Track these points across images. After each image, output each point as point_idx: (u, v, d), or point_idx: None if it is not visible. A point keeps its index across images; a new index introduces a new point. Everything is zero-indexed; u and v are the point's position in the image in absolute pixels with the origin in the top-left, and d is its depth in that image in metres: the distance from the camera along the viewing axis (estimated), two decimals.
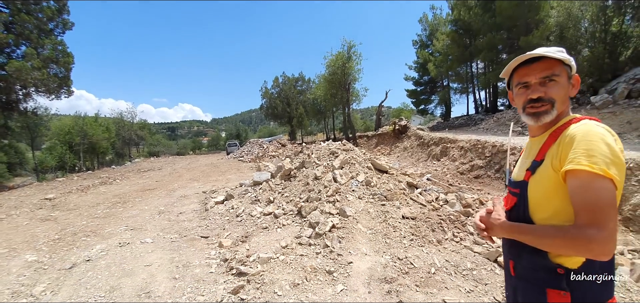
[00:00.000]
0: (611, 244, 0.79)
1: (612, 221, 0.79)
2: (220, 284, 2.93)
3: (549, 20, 12.58)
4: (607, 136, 0.84)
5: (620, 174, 0.82)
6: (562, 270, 0.90)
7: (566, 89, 0.98)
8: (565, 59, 0.97)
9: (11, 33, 14.24)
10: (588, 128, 0.87)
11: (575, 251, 0.86)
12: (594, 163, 0.81)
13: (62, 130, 21.11)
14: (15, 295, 3.09)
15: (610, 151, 0.82)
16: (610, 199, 0.80)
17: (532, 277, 0.99)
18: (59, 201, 8.10)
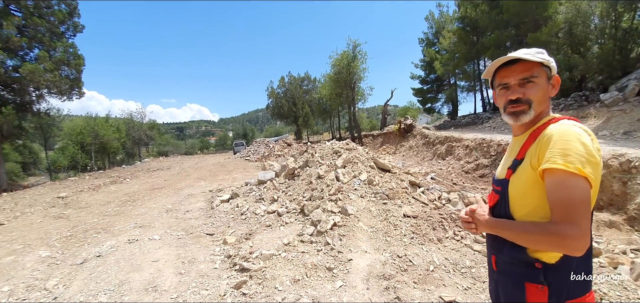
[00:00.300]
0: (584, 240, 0.82)
1: (585, 218, 0.82)
2: (223, 279, 3.03)
3: (557, 16, 12.35)
4: (583, 136, 0.87)
5: (595, 173, 0.84)
6: (539, 264, 0.93)
7: (545, 89, 1.01)
8: (545, 60, 1.00)
9: (24, 36, 14.68)
10: (565, 128, 0.89)
11: (551, 247, 0.88)
12: (569, 162, 0.83)
13: (74, 130, 21.68)
14: (30, 289, 3.24)
15: (585, 151, 0.84)
16: (584, 197, 0.83)
17: (511, 271, 1.02)
18: (71, 200, 8.36)
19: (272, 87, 39.64)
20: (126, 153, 31.25)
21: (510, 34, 16.62)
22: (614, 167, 4.68)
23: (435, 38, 28.01)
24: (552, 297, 0.91)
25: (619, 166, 4.60)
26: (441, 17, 27.54)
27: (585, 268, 0.93)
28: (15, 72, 14.70)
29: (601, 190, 4.82)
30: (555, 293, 0.91)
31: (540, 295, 0.93)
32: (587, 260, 0.93)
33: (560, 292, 0.91)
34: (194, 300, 2.72)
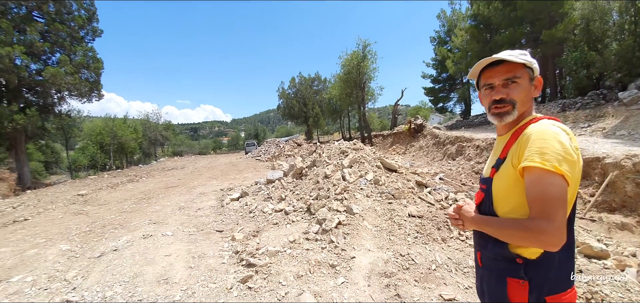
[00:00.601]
0: (559, 235, 0.84)
1: (560, 214, 0.85)
2: (230, 274, 3.16)
3: (574, 13, 12.00)
4: (560, 135, 0.89)
5: (571, 171, 0.87)
6: (521, 260, 0.97)
7: (527, 90, 1.04)
8: (527, 62, 1.03)
9: (47, 41, 15.42)
10: (543, 128, 0.93)
11: (528, 242, 0.92)
12: (546, 160, 0.86)
13: (93, 131, 22.52)
14: (51, 279, 3.46)
15: (562, 149, 0.87)
16: (560, 193, 0.85)
17: (494, 267, 1.06)
18: (90, 197, 8.75)
19: (283, 88, 39.97)
20: (143, 152, 32.22)
21: (524, 31, 16.21)
22: (627, 168, 4.55)
23: (447, 36, 27.59)
24: (533, 292, 0.94)
25: (632, 166, 4.47)
26: (453, 14, 27.10)
27: (567, 265, 0.96)
28: (38, 75, 15.45)
29: (613, 191, 4.70)
30: (536, 288, 0.94)
31: (521, 290, 0.96)
32: (569, 257, 0.96)
33: (541, 287, 0.94)
34: (202, 292, 2.86)
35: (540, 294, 0.94)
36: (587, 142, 7.34)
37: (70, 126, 21.18)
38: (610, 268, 2.65)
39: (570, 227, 0.96)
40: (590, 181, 5.37)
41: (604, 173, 5.03)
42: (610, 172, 4.84)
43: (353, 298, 2.61)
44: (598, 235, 3.92)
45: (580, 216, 4.76)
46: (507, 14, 16.32)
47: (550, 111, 13.16)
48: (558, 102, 13.83)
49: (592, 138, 8.66)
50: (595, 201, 4.83)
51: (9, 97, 15.18)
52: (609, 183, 4.78)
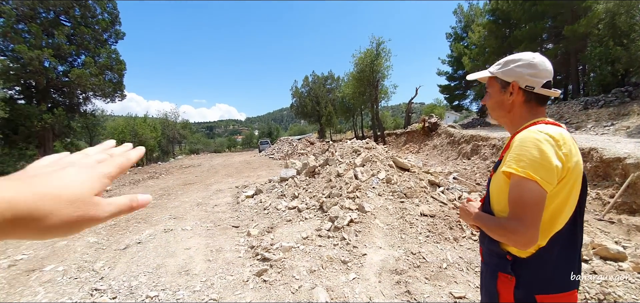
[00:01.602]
0: (528, 236, 0.88)
1: (531, 217, 0.88)
2: (247, 267, 3.32)
3: (597, 7, 11.50)
4: (541, 143, 0.91)
5: (548, 177, 0.89)
6: (510, 256, 1.01)
7: (497, 98, 1.13)
8: (491, 74, 1.14)
9: (73, 44, 16.23)
10: (526, 135, 0.96)
11: (502, 239, 0.99)
12: (520, 166, 0.91)
13: (116, 130, 23.48)
14: (80, 269, 3.71)
15: (540, 156, 0.90)
16: (533, 198, 0.89)
17: (490, 261, 1.12)
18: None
19: (296, 87, 40.26)
20: (161, 150, 33.29)
21: (545, 26, 15.69)
22: None
23: (463, 32, 27.05)
24: (519, 287, 0.99)
25: None
26: (470, 10, 26.54)
27: (566, 267, 0.98)
28: (65, 76, 16.30)
29: (634, 193, 4.55)
30: (524, 285, 0.99)
31: (508, 284, 1.01)
32: (569, 260, 0.99)
33: (530, 285, 0.98)
34: (220, 284, 3.02)
35: (528, 292, 0.98)
36: (609, 141, 7.08)
37: (94, 125, 22.17)
38: (626, 270, 2.61)
39: (574, 229, 0.99)
40: (611, 182, 5.21)
41: (625, 174, 4.86)
42: (632, 173, 4.69)
43: (364, 293, 2.70)
44: (616, 237, 3.82)
45: (599, 217, 4.64)
46: (527, 9, 15.86)
47: (572, 109, 12.71)
48: (580, 100, 13.33)
49: (614, 137, 8.34)
50: (615, 203, 4.68)
51: (38, 98, 16.09)
52: (630, 184, 4.62)
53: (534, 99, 1.07)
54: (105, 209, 0.37)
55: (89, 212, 0.35)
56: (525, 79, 1.05)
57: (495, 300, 1.06)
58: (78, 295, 3.08)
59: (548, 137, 0.93)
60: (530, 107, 1.07)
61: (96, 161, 0.41)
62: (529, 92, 1.06)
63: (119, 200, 0.40)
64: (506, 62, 1.10)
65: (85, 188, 0.36)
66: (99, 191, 0.38)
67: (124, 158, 0.44)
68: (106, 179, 0.39)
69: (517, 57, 1.09)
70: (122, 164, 0.43)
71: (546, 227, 0.95)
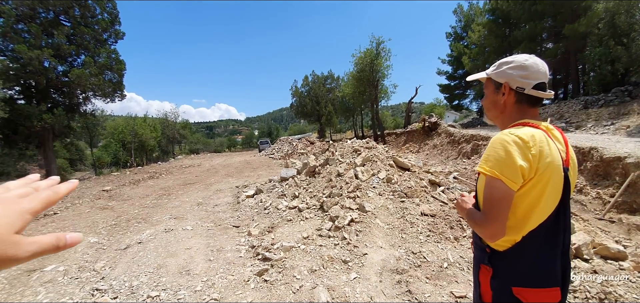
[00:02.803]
0: (492, 230, 0.96)
1: (496, 213, 0.95)
2: (247, 267, 3.32)
3: (597, 6, 11.50)
4: (508, 144, 0.96)
5: (513, 175, 0.93)
6: (488, 249, 1.08)
7: (491, 99, 1.18)
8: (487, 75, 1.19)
9: (72, 44, 16.20)
10: (497, 137, 1.02)
11: (477, 231, 1.06)
12: (488, 166, 0.98)
13: (116, 130, 23.47)
14: (81, 269, 3.71)
15: (506, 157, 0.95)
16: (498, 195, 0.95)
17: (475, 254, 1.20)
18: (114, 193, 9.20)
19: (296, 87, 40.24)
20: (161, 150, 33.29)
21: (545, 25, 15.69)
22: None
23: (463, 32, 27.06)
24: (496, 278, 1.05)
25: None
26: (470, 9, 26.54)
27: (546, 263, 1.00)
28: (64, 76, 16.27)
29: (635, 192, 4.55)
30: (500, 276, 1.05)
31: (486, 275, 1.08)
32: (550, 256, 1.00)
33: (506, 276, 1.03)
34: (221, 284, 3.03)
35: (504, 282, 1.03)
36: (609, 141, 7.08)
37: (94, 125, 22.16)
38: (626, 269, 2.62)
39: (556, 227, 1.00)
40: (611, 181, 5.21)
41: (626, 173, 4.87)
42: (632, 172, 4.69)
43: (365, 293, 2.70)
44: (617, 236, 3.83)
45: (600, 217, 4.64)
46: (527, 8, 15.87)
47: (572, 108, 12.71)
48: (580, 99, 13.33)
49: (614, 136, 8.34)
50: (615, 202, 4.69)
51: (37, 98, 16.06)
52: (630, 183, 4.63)
53: (525, 101, 1.10)
54: (26, 249, 0.35)
55: (6, 252, 0.33)
56: (516, 81, 1.09)
57: (478, 289, 1.14)
58: (79, 295, 3.08)
59: (516, 139, 0.97)
60: (521, 108, 1.11)
61: (18, 195, 0.38)
62: (520, 94, 1.09)
63: (44, 239, 0.38)
64: (500, 64, 1.15)
65: (3, 226, 0.34)
66: (19, 228, 0.35)
67: (51, 192, 0.42)
68: (28, 215, 0.37)
69: (510, 59, 1.12)
70: (49, 198, 0.41)
71: (519, 224, 1.00)
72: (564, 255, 1.03)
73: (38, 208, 0.39)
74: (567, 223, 1.04)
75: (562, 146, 1.05)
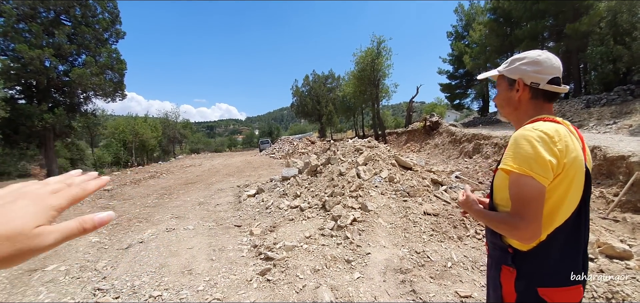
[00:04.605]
0: (530, 231, 0.92)
1: (532, 212, 0.91)
2: (250, 266, 3.30)
3: (599, 5, 11.45)
4: (534, 139, 0.94)
5: (544, 172, 0.91)
6: (511, 249, 1.04)
7: (505, 95, 1.17)
8: (499, 72, 1.17)
9: (73, 43, 16.20)
10: (521, 133, 0.99)
11: (508, 234, 1.01)
12: (516, 163, 0.95)
13: (117, 129, 23.46)
14: (83, 269, 3.69)
15: (533, 152, 0.92)
16: (532, 193, 0.91)
17: (494, 254, 1.15)
18: (115, 192, 9.19)
19: (297, 86, 40.22)
20: (162, 150, 33.28)
21: (546, 24, 15.64)
22: None
23: (464, 31, 26.99)
24: (520, 279, 1.01)
25: None
26: (471, 9, 26.47)
27: (569, 262, 0.99)
28: (65, 76, 16.28)
29: (638, 191, 4.52)
30: (524, 277, 1.01)
31: (509, 276, 1.04)
32: (573, 255, 0.99)
33: (531, 277, 1.00)
34: (224, 283, 3.01)
35: (529, 284, 1.00)
36: (612, 140, 7.06)
37: (95, 124, 22.15)
38: (633, 268, 2.59)
39: (577, 225, 0.99)
40: (615, 180, 5.18)
41: (629, 172, 4.84)
42: (636, 171, 4.66)
43: (369, 292, 2.68)
44: (621, 235, 3.80)
45: (603, 216, 4.62)
46: (528, 7, 15.81)
47: (574, 107, 12.67)
48: (582, 98, 13.29)
49: (617, 135, 8.31)
50: (619, 201, 4.66)
51: (38, 98, 16.07)
52: (634, 182, 4.60)
53: (540, 96, 1.09)
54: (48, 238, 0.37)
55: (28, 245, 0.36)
56: (529, 76, 1.07)
57: (499, 291, 1.08)
58: (81, 294, 3.07)
59: (541, 133, 0.95)
60: (537, 103, 1.10)
61: (51, 191, 0.41)
62: (535, 89, 1.08)
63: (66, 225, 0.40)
64: (512, 61, 1.14)
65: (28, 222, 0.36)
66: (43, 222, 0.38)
67: (80, 189, 0.45)
68: (54, 212, 0.39)
69: (522, 55, 1.11)
70: (76, 195, 0.43)
71: (546, 222, 0.97)
72: (584, 252, 1.03)
73: (64, 204, 0.41)
74: (587, 220, 1.03)
75: (579, 143, 1.03)
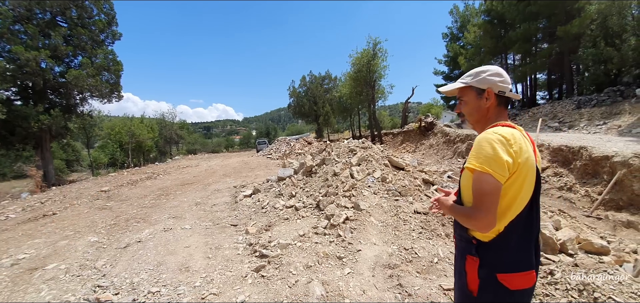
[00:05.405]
0: (486, 221, 1.05)
1: (487, 204, 1.04)
2: (245, 263, 3.42)
3: (590, 8, 11.70)
4: (494, 142, 1.07)
5: (501, 170, 1.04)
6: (475, 241, 1.18)
7: (473, 104, 1.28)
8: (465, 84, 1.28)
9: (70, 45, 16.17)
10: (482, 136, 1.13)
11: (468, 225, 1.16)
12: (478, 162, 1.08)
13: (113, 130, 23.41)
14: (82, 267, 3.78)
15: (493, 153, 1.05)
16: (489, 188, 1.04)
17: (460, 245, 1.29)
18: (112, 193, 9.24)
19: (294, 87, 40.29)
20: (159, 151, 33.23)
21: (539, 26, 15.89)
22: (635, 166, 4.55)
23: (459, 32, 27.27)
24: (483, 267, 1.15)
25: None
26: (466, 10, 26.75)
27: (525, 251, 1.14)
28: (61, 77, 16.24)
29: (621, 190, 4.71)
30: (486, 265, 1.14)
31: (473, 265, 1.17)
32: (528, 244, 1.14)
33: (492, 265, 1.13)
34: (220, 279, 3.13)
35: (490, 271, 1.13)
36: (600, 140, 7.25)
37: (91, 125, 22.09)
38: (606, 263, 2.75)
39: (530, 217, 1.14)
40: (600, 179, 5.36)
41: (613, 172, 5.02)
42: (619, 171, 4.85)
43: (358, 286, 2.81)
44: (602, 232, 3.97)
45: (587, 214, 4.79)
46: (521, 10, 16.06)
47: (566, 108, 12.91)
48: (573, 99, 13.54)
49: (606, 136, 8.52)
50: (603, 200, 4.84)
51: (35, 99, 16.02)
52: (616, 182, 4.78)
53: (502, 103, 1.24)
54: None
55: None
56: (497, 86, 1.22)
57: (464, 279, 1.22)
58: (81, 292, 3.16)
59: (500, 137, 1.09)
60: (499, 110, 1.24)
61: None
62: (500, 97, 1.22)
63: None
64: (477, 73, 1.27)
65: None
66: None
67: None
68: None
69: (486, 68, 1.25)
70: None
71: (503, 214, 1.11)
72: (536, 241, 1.18)
73: None
74: (538, 213, 1.18)
75: (531, 146, 1.18)
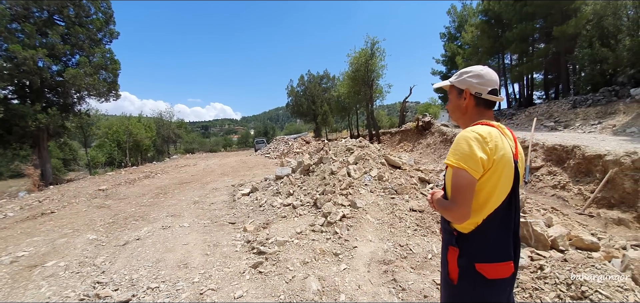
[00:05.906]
0: (459, 213, 1.12)
1: (461, 198, 1.11)
2: (243, 260, 3.48)
3: (586, 8, 11.80)
4: (470, 140, 1.14)
5: (475, 166, 1.10)
6: (456, 232, 1.25)
7: (454, 103, 1.37)
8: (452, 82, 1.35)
9: (67, 44, 16.12)
10: (462, 134, 1.18)
11: (446, 216, 1.24)
12: (455, 158, 1.14)
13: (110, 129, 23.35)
14: (82, 264, 3.83)
15: (469, 150, 1.12)
16: (464, 183, 1.11)
17: (444, 237, 1.37)
18: (110, 192, 9.26)
19: (292, 86, 40.34)
20: (156, 150, 33.16)
21: (535, 26, 16.00)
22: (626, 165, 4.64)
23: (457, 32, 27.38)
24: (462, 257, 1.22)
25: (631, 163, 4.56)
26: (464, 10, 26.86)
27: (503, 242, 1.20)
28: (59, 76, 16.19)
29: (613, 188, 4.79)
30: (465, 254, 1.21)
31: (454, 255, 1.25)
32: (505, 236, 1.20)
33: (470, 255, 1.20)
34: (218, 275, 3.18)
35: (469, 260, 1.20)
36: (595, 139, 7.35)
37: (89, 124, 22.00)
38: (595, 258, 2.82)
39: (508, 211, 1.20)
40: (592, 178, 5.46)
41: (605, 170, 5.11)
42: (610, 169, 4.93)
43: (354, 282, 2.87)
44: (593, 229, 4.05)
45: (580, 212, 4.88)
46: (518, 10, 16.17)
47: (562, 107, 13.03)
48: (569, 99, 13.67)
49: (601, 135, 8.63)
50: (595, 198, 4.93)
51: (32, 98, 15.97)
52: (608, 180, 4.87)
53: (482, 104, 1.30)
54: None
55: None
56: (474, 87, 1.28)
57: (446, 268, 1.30)
58: (81, 288, 3.21)
59: (476, 135, 1.16)
60: (480, 110, 1.30)
61: None
62: (478, 98, 1.29)
63: None
64: (460, 74, 1.34)
65: None
66: None
67: None
68: None
69: (469, 69, 1.32)
70: None
71: (481, 208, 1.17)
72: (515, 234, 1.24)
73: None
74: (517, 207, 1.24)
75: (512, 143, 1.25)
